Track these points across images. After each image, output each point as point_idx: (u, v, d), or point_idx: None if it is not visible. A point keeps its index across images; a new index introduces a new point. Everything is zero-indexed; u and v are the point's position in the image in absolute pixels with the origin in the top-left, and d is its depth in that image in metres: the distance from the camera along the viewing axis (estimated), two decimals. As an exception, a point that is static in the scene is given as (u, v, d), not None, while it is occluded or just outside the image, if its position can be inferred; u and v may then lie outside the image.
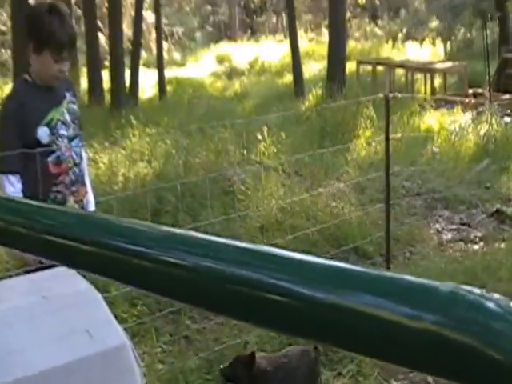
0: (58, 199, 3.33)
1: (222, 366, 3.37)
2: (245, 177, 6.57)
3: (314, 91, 13.46)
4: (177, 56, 26.46)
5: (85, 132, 8.00)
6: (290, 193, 6.72)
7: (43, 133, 3.26)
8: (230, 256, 0.70)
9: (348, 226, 6.12)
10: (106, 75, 15.55)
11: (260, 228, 5.78)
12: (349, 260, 5.77)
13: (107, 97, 14.82)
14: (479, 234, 6.43)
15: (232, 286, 0.67)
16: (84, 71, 17.18)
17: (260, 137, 8.71)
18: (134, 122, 9.74)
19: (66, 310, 2.34)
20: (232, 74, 20.79)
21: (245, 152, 8.56)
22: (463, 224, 6.81)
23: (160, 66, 16.72)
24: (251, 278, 0.66)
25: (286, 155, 8.49)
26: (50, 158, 3.30)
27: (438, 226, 6.82)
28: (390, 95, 4.83)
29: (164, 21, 24.82)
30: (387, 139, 4.59)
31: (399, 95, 8.18)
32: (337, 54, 14.03)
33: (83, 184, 3.53)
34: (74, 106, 3.49)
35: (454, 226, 6.80)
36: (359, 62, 15.72)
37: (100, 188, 6.47)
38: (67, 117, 3.39)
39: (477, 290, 0.53)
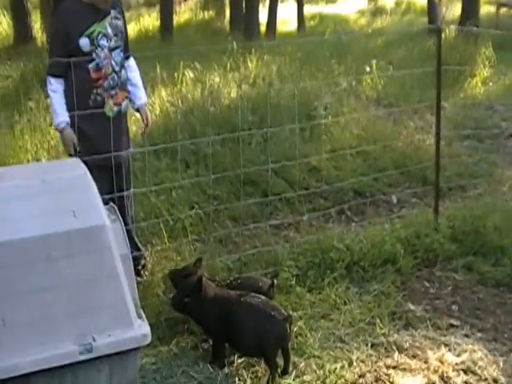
0: (97, 100, 3.91)
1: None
2: (327, 102, 6.87)
3: (446, 31, 13.22)
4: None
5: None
6: (376, 122, 6.96)
7: (84, 43, 3.83)
8: None
9: (422, 156, 6.26)
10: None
11: (331, 151, 6.07)
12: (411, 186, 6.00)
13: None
14: None
15: None
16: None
17: (368, 69, 8.88)
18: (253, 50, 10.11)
19: (59, 191, 2.86)
20: (377, 12, 20.61)
21: (353, 82, 8.77)
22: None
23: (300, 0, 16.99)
24: None
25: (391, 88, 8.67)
26: (91, 65, 3.87)
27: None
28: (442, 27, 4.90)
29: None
30: (438, 72, 4.70)
31: (453, 27, 7.97)
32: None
33: (122, 89, 4.05)
34: (119, 22, 4.01)
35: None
36: (499, 5, 15.22)
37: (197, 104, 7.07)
38: (109, 30, 3.92)
39: None
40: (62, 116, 3.88)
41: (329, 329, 3.90)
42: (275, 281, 3.92)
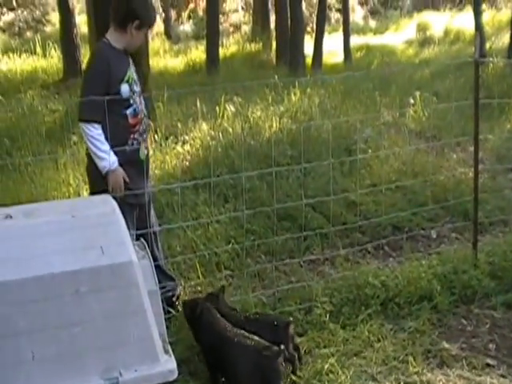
0: (134, 145, 3.95)
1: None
2: (368, 136, 6.86)
3: (494, 61, 13.07)
4: (372, 23, 26.55)
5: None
6: (417, 155, 6.90)
7: (124, 89, 3.84)
8: None
9: (463, 189, 6.16)
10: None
11: (370, 185, 6.04)
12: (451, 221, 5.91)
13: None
14: None
15: None
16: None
17: (412, 101, 8.86)
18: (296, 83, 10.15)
19: (88, 228, 2.95)
20: (425, 42, 20.55)
21: (397, 114, 8.75)
22: None
23: (346, 31, 17.11)
24: None
25: (434, 120, 8.60)
26: (128, 111, 3.89)
27: None
28: (481, 60, 4.84)
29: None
30: (476, 103, 4.64)
31: (491, 59, 7.81)
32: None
33: (149, 133, 4.17)
34: (134, 67, 4.07)
35: None
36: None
37: (237, 137, 7.14)
38: (135, 75, 3.99)
39: None
40: (113, 156, 3.81)
41: (361, 366, 3.85)
42: (291, 319, 3.94)
